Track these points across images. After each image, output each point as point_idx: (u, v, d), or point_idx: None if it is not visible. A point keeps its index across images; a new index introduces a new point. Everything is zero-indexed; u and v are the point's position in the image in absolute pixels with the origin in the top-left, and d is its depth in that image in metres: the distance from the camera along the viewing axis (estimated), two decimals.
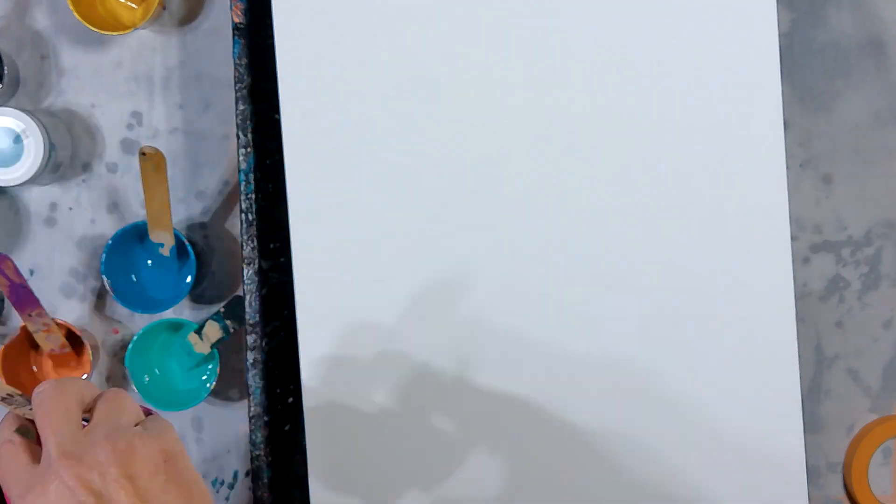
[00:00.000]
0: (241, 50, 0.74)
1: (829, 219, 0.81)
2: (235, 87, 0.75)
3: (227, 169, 0.82)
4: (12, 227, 0.83)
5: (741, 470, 0.71)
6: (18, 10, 0.82)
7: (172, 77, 0.82)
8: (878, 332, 0.81)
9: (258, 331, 0.73)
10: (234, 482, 0.83)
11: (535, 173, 0.71)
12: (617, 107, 0.71)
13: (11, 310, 0.82)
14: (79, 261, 0.83)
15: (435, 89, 0.71)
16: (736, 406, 0.71)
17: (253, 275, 0.73)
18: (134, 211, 0.82)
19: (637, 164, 0.71)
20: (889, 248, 0.81)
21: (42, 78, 0.83)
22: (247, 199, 0.74)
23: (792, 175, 0.79)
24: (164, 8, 0.82)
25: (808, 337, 0.81)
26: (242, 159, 0.74)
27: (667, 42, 0.71)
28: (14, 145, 0.77)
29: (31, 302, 0.74)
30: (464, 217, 0.71)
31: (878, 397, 0.82)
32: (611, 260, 0.71)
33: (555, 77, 0.71)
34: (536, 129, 0.71)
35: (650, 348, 0.70)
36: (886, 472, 0.82)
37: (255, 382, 0.73)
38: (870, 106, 0.81)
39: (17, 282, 0.72)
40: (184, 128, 0.82)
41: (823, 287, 0.81)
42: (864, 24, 0.81)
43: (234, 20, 0.74)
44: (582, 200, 0.71)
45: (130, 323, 0.82)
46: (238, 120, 0.74)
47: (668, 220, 0.71)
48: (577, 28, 0.71)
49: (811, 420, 0.81)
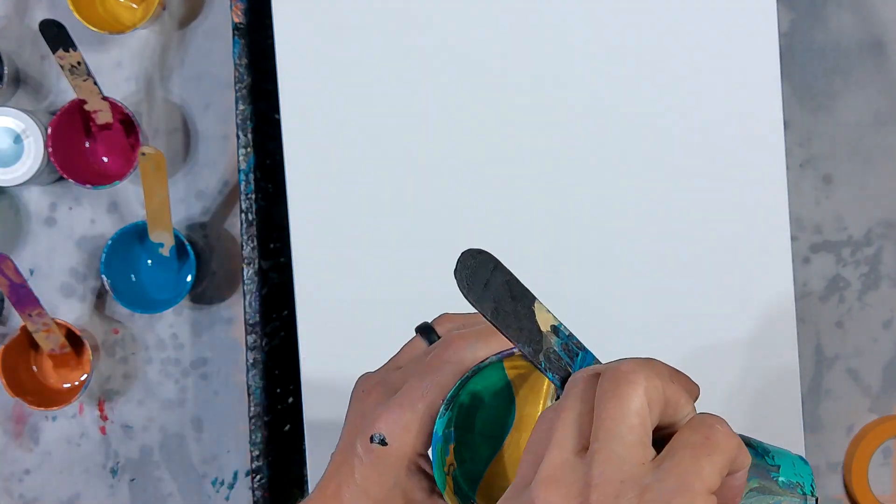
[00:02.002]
0: (241, 50, 0.74)
1: (829, 219, 0.81)
2: (235, 87, 0.75)
3: (227, 169, 0.82)
4: (12, 227, 0.83)
5: None
6: (18, 10, 0.82)
7: (172, 77, 0.82)
8: (878, 332, 0.81)
9: (258, 331, 0.73)
10: (234, 482, 0.83)
11: (535, 174, 0.71)
12: (617, 107, 0.71)
13: (11, 310, 0.82)
14: (79, 261, 0.83)
15: (435, 89, 0.71)
16: (736, 406, 0.71)
17: (253, 275, 0.73)
18: (134, 211, 0.82)
19: (637, 164, 0.71)
20: (889, 248, 0.81)
21: (42, 78, 0.83)
22: (247, 199, 0.74)
23: (792, 175, 0.79)
24: (164, 8, 0.82)
25: (808, 337, 0.81)
26: (242, 159, 0.74)
27: (667, 42, 0.71)
28: (14, 145, 0.77)
29: (31, 302, 0.74)
30: (464, 217, 0.71)
31: (878, 397, 0.82)
32: (611, 260, 0.71)
33: (554, 77, 0.71)
34: (536, 130, 0.71)
35: (650, 349, 0.69)
36: (886, 472, 0.82)
37: (254, 382, 0.73)
38: (870, 106, 0.81)
39: (17, 282, 0.72)
40: (184, 128, 0.82)
41: (823, 287, 0.81)
42: (864, 24, 0.81)
43: (234, 20, 0.74)
44: (581, 199, 0.71)
45: (130, 323, 0.82)
46: (238, 120, 0.74)
47: (668, 220, 0.71)
48: (577, 28, 0.71)
49: (811, 420, 0.81)
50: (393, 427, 0.41)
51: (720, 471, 0.32)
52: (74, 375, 0.81)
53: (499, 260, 0.37)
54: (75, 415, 0.83)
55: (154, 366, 0.83)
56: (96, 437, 0.83)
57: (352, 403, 0.46)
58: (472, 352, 0.41)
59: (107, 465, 0.83)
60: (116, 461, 0.83)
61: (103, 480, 0.83)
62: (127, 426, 0.83)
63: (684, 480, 0.31)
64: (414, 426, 0.41)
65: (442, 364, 0.41)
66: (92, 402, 0.83)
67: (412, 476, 0.42)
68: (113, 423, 0.83)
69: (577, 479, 0.32)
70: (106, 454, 0.83)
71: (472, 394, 0.41)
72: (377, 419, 0.41)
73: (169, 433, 0.83)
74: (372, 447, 0.41)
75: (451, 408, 0.40)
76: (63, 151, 0.78)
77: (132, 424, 0.83)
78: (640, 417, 0.32)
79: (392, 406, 0.41)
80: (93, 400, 0.83)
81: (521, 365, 0.41)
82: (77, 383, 0.80)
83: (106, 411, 0.83)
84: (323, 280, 0.71)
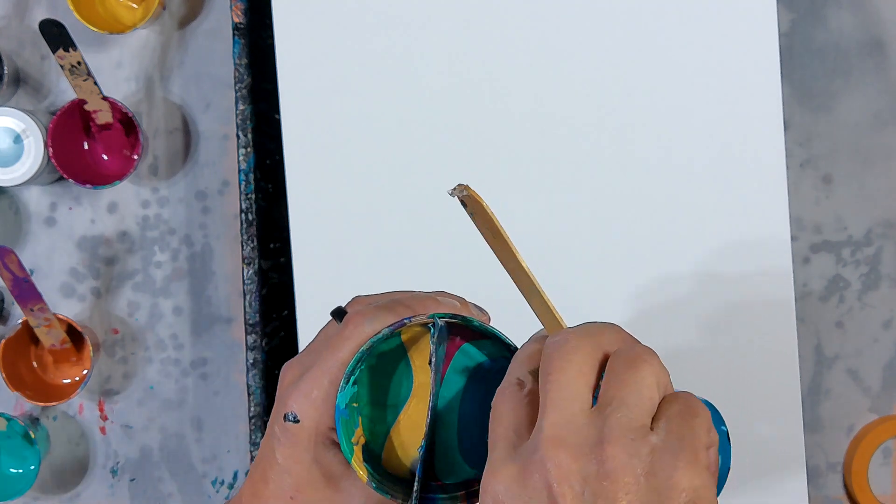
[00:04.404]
0: (241, 50, 0.74)
1: (829, 219, 0.81)
2: (235, 87, 0.75)
3: (227, 169, 0.82)
4: (12, 227, 0.83)
5: (741, 470, 0.71)
6: (18, 10, 0.82)
7: (172, 77, 0.82)
8: (878, 332, 0.81)
9: (258, 331, 0.73)
10: (233, 482, 0.83)
11: (535, 175, 0.71)
12: (617, 107, 0.71)
13: (11, 310, 0.82)
14: (79, 261, 0.83)
15: (434, 89, 0.71)
16: (736, 406, 0.71)
17: (253, 275, 0.73)
18: (134, 210, 0.82)
19: (638, 164, 0.71)
20: (889, 248, 0.81)
21: (42, 78, 0.83)
22: (247, 199, 0.74)
23: (792, 175, 0.79)
24: (164, 8, 0.82)
25: (808, 337, 0.81)
26: (242, 159, 0.74)
27: (667, 42, 0.71)
28: (14, 145, 0.77)
29: (33, 296, 0.74)
30: (464, 216, 0.71)
31: (878, 397, 0.82)
32: (611, 260, 0.71)
33: (555, 77, 0.71)
34: (536, 131, 0.71)
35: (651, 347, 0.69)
36: (886, 472, 0.82)
37: (254, 382, 0.73)
38: (870, 106, 0.81)
39: (20, 276, 0.72)
40: (184, 128, 0.82)
41: (823, 287, 0.81)
42: (864, 24, 0.81)
43: (234, 20, 0.74)
44: (581, 199, 0.71)
45: (130, 323, 0.83)
46: (238, 120, 0.74)
47: (668, 220, 0.71)
48: (577, 28, 0.71)
49: (811, 420, 0.80)
50: (302, 404, 0.43)
51: (707, 431, 0.37)
52: (74, 371, 0.81)
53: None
54: (75, 414, 0.83)
55: (154, 366, 0.83)
56: (96, 437, 0.83)
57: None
58: (371, 327, 0.43)
59: (107, 465, 0.83)
60: (116, 461, 0.83)
61: (103, 480, 0.83)
62: (127, 426, 0.83)
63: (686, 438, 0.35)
64: (321, 402, 0.43)
65: (343, 341, 0.43)
66: (92, 401, 0.83)
67: (327, 451, 0.43)
68: (113, 423, 0.83)
69: (590, 436, 0.35)
70: (106, 454, 0.83)
71: (374, 367, 0.44)
72: (288, 398, 0.44)
73: (169, 433, 0.83)
74: (286, 426, 0.43)
75: (352, 381, 0.42)
76: (63, 151, 0.78)
77: (132, 424, 0.83)
78: (650, 391, 0.37)
79: (300, 385, 0.43)
80: (93, 400, 0.83)
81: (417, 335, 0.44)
82: (77, 379, 0.80)
83: (106, 411, 0.83)
84: (323, 280, 0.71)
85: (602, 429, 0.35)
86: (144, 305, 0.83)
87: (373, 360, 0.44)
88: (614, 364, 0.37)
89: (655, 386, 0.37)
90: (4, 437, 0.79)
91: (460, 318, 0.43)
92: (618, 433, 0.35)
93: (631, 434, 0.35)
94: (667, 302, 0.71)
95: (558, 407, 0.36)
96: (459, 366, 0.44)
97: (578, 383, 0.37)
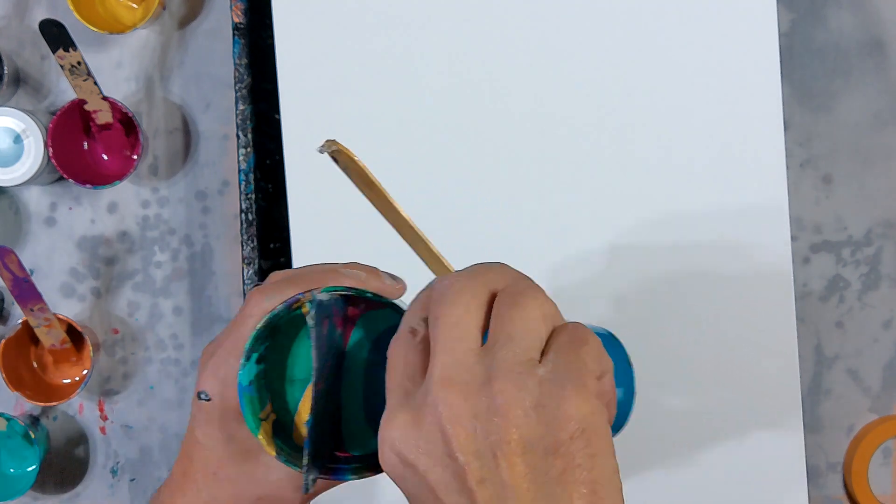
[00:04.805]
0: (241, 50, 0.74)
1: (829, 219, 0.81)
2: (235, 87, 0.75)
3: (227, 169, 0.82)
4: (12, 227, 0.83)
5: (741, 469, 0.71)
6: (18, 10, 0.82)
7: (172, 77, 0.82)
8: (878, 332, 0.81)
9: None
10: None
11: (535, 174, 0.71)
12: (617, 107, 0.71)
13: (11, 310, 0.82)
14: (79, 261, 0.83)
15: (434, 89, 0.71)
16: (736, 406, 0.71)
17: (253, 275, 0.73)
18: (133, 210, 0.82)
19: (637, 164, 0.71)
20: (889, 248, 0.81)
21: (42, 78, 0.83)
22: (247, 199, 0.74)
23: (792, 175, 0.79)
24: (164, 8, 0.82)
25: (808, 337, 0.81)
26: (242, 159, 0.74)
27: (667, 42, 0.71)
28: (14, 145, 0.77)
29: (33, 296, 0.74)
30: (464, 217, 0.71)
31: (878, 397, 0.82)
32: (611, 260, 0.71)
33: (554, 78, 0.71)
34: (536, 131, 0.71)
35: (650, 348, 0.70)
36: (886, 472, 0.82)
37: None
38: (870, 106, 0.81)
39: (20, 276, 0.72)
40: (184, 128, 0.82)
41: (823, 287, 0.81)
42: (864, 24, 0.81)
43: (234, 20, 0.74)
44: (581, 199, 0.71)
45: (130, 323, 0.83)
46: (238, 120, 0.74)
47: (668, 220, 0.71)
48: (577, 28, 0.71)
49: (811, 420, 0.80)
50: (212, 383, 0.44)
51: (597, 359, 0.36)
52: (74, 371, 0.81)
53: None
54: (75, 414, 0.83)
55: (154, 366, 0.83)
56: (96, 437, 0.83)
57: None
58: (269, 303, 0.43)
59: (107, 465, 0.83)
60: (116, 461, 0.83)
61: (103, 480, 0.83)
62: (127, 426, 0.83)
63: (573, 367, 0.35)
64: (229, 380, 0.43)
65: (245, 318, 0.44)
66: (92, 401, 0.83)
67: (241, 427, 0.43)
68: (113, 423, 0.83)
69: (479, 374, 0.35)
70: (106, 454, 0.83)
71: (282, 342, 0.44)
72: (200, 377, 0.44)
73: (169, 433, 0.83)
74: (200, 404, 0.44)
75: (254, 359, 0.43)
76: (63, 151, 0.78)
77: (132, 424, 0.83)
78: (536, 324, 0.36)
79: (209, 364, 0.44)
80: (93, 400, 0.83)
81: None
82: (77, 379, 0.80)
83: (106, 411, 0.83)
84: None
85: (490, 366, 0.35)
86: (144, 305, 0.83)
87: (281, 335, 0.44)
88: (500, 302, 0.37)
89: (541, 319, 0.36)
90: (4, 437, 0.79)
91: (354, 290, 0.42)
92: (505, 369, 0.34)
93: (518, 368, 0.35)
94: (667, 302, 0.71)
95: (447, 348, 0.35)
96: (362, 336, 0.44)
97: (466, 323, 0.36)
